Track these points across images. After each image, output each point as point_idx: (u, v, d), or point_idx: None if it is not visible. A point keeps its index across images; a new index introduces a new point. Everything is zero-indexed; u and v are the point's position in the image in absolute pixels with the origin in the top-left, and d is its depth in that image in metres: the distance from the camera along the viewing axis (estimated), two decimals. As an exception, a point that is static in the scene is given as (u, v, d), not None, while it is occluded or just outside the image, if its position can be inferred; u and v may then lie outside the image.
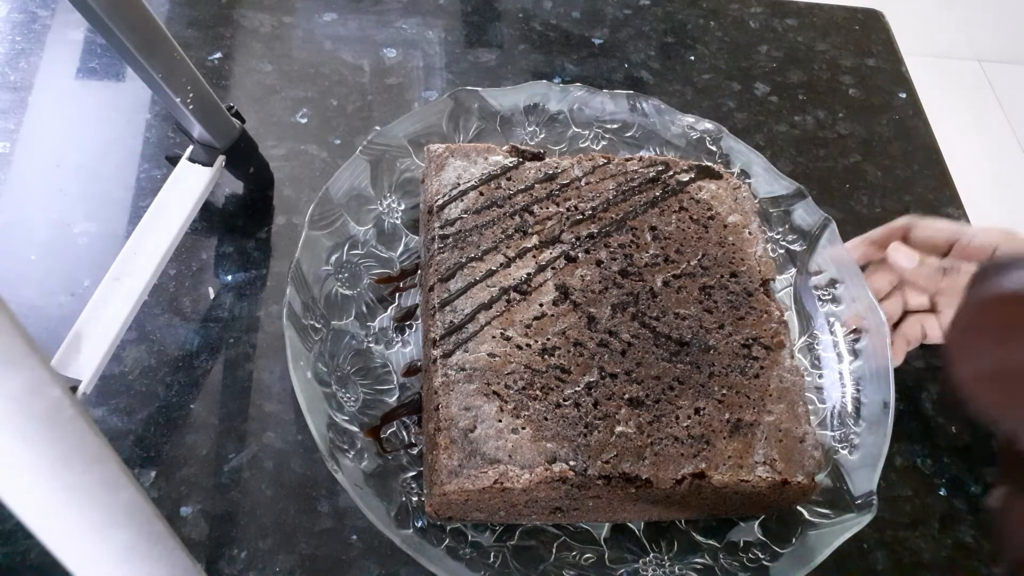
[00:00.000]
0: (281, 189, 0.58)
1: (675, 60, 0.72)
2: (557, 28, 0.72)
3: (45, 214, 0.55)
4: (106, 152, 0.59)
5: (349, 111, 0.63)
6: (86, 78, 0.63)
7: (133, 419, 0.48)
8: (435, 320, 0.45)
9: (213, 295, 0.53)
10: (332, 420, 0.44)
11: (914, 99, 0.72)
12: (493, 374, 0.43)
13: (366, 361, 0.49)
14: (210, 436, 0.48)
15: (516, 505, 0.42)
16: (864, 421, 0.49)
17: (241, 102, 0.60)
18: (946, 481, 0.52)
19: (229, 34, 0.67)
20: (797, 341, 0.53)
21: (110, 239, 0.54)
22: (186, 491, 0.46)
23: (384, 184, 0.55)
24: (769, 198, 0.57)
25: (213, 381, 0.50)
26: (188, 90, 0.48)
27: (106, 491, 0.27)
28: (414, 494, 0.44)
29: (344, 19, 0.69)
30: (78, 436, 0.26)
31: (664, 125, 0.60)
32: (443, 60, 0.68)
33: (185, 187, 0.51)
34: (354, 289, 0.51)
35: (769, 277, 0.50)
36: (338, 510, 0.46)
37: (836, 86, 0.72)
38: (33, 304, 0.51)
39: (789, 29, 0.76)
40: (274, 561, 0.44)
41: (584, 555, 0.45)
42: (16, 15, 0.65)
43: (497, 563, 0.43)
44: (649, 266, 0.49)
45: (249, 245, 0.56)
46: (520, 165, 0.52)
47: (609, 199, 0.51)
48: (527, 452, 0.41)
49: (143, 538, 0.30)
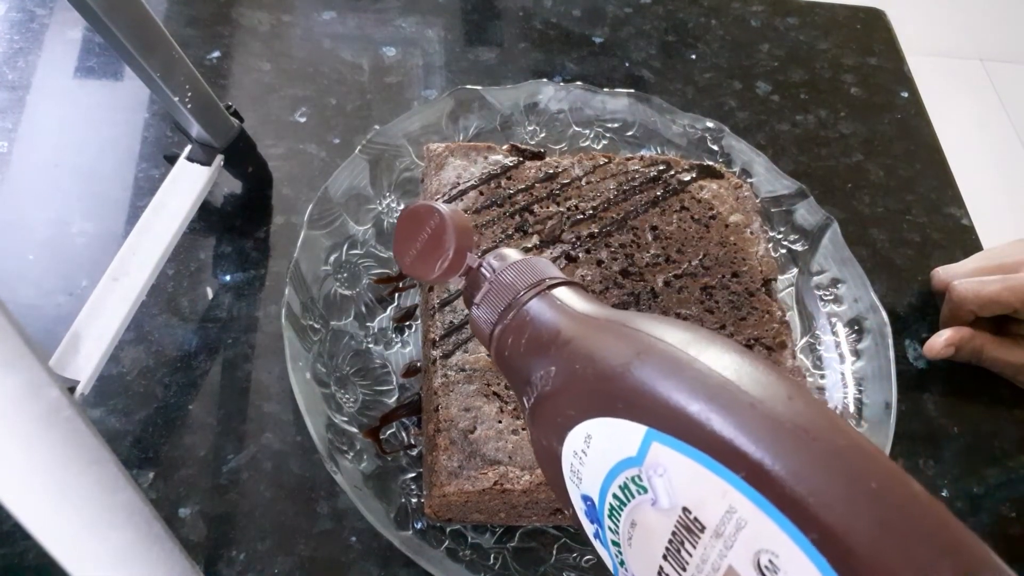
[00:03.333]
0: (280, 188, 0.58)
1: (676, 59, 0.71)
2: (557, 26, 0.72)
3: (43, 214, 0.55)
4: (104, 151, 0.59)
5: (348, 110, 0.63)
6: (84, 77, 0.62)
7: (131, 420, 0.48)
8: (435, 320, 0.45)
9: (211, 295, 0.53)
10: (331, 421, 0.44)
11: (916, 98, 0.72)
12: (493, 375, 0.43)
13: (365, 362, 0.49)
14: (208, 437, 0.48)
15: (516, 506, 0.42)
16: (866, 422, 0.48)
17: (240, 101, 0.60)
18: (948, 482, 0.51)
19: (227, 33, 0.67)
20: (799, 341, 0.53)
21: (108, 239, 0.54)
22: (184, 492, 0.46)
23: (383, 183, 0.55)
24: (771, 197, 0.57)
25: (211, 382, 0.50)
26: (186, 89, 0.48)
27: (104, 492, 0.27)
28: (413, 495, 0.44)
29: (343, 18, 0.69)
30: (76, 437, 0.26)
31: (665, 124, 0.60)
32: (443, 59, 0.68)
33: (183, 186, 0.51)
34: (353, 289, 0.51)
35: (771, 277, 0.50)
36: (337, 511, 0.46)
37: (838, 85, 0.72)
38: (31, 304, 0.51)
39: (791, 28, 0.76)
40: (273, 563, 0.44)
41: (585, 557, 0.45)
42: (14, 14, 0.65)
43: (497, 565, 0.43)
44: (650, 266, 0.49)
45: (248, 245, 0.55)
46: (520, 164, 0.52)
47: (610, 199, 0.51)
48: (527, 453, 0.41)
49: (141, 539, 0.29)
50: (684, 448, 0.19)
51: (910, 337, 0.57)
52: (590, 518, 0.24)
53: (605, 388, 0.21)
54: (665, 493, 0.20)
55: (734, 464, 0.18)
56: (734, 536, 0.18)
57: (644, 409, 0.20)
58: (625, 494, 0.21)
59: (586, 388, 0.22)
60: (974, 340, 0.54)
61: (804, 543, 0.17)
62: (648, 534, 0.21)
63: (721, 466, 0.18)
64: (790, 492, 0.17)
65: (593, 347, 0.22)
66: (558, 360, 0.23)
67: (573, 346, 0.23)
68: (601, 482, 0.22)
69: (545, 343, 0.24)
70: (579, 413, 0.22)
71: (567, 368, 0.23)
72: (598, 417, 0.21)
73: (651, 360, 0.21)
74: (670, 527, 0.20)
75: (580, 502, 0.24)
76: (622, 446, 0.21)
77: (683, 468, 0.19)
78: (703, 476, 0.19)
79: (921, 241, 0.62)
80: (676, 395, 0.20)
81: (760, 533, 0.18)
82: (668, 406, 0.20)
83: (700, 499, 0.19)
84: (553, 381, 0.23)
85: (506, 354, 0.26)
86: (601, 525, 0.23)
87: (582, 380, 0.22)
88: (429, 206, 0.29)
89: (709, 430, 0.19)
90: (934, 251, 0.62)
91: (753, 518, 0.18)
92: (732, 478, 0.18)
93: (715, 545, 0.19)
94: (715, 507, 0.19)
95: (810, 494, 0.17)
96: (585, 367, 0.22)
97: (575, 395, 0.22)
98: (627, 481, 0.21)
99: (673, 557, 0.20)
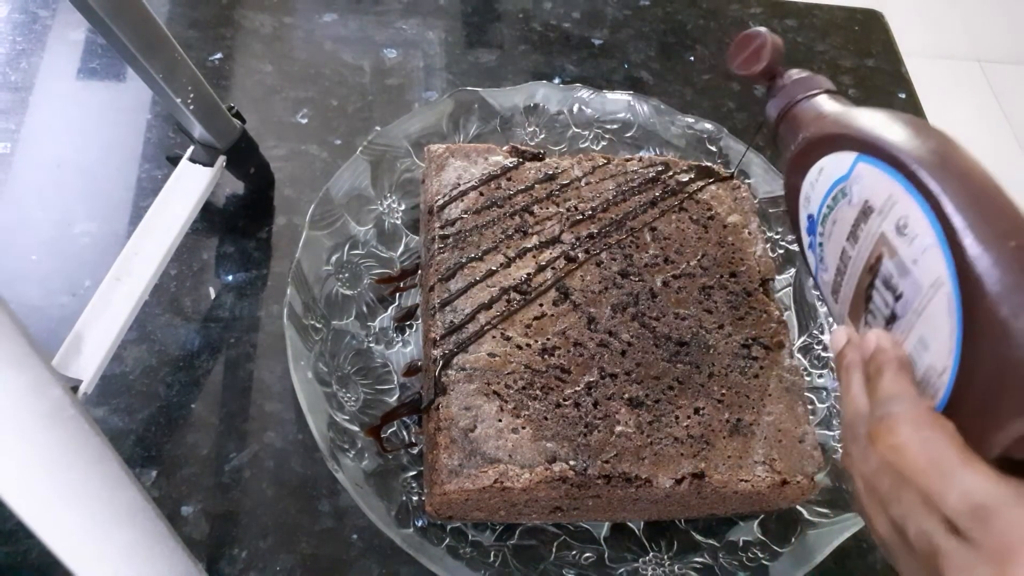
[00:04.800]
0: (281, 189, 0.59)
1: (675, 60, 0.72)
2: (557, 28, 0.72)
3: (46, 214, 0.55)
4: (107, 152, 0.59)
5: (349, 111, 0.63)
6: (87, 78, 0.63)
7: (134, 419, 0.48)
8: (435, 320, 0.45)
9: (214, 295, 0.53)
10: (333, 420, 0.44)
11: (914, 100, 0.73)
12: (493, 374, 0.43)
13: (366, 361, 0.49)
14: (211, 436, 0.48)
15: (516, 504, 0.42)
16: (863, 421, 0.49)
17: (242, 102, 0.60)
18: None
19: (230, 35, 0.67)
20: (796, 341, 0.53)
21: (111, 239, 0.54)
22: (187, 491, 0.46)
23: (384, 184, 0.55)
24: (768, 198, 0.58)
25: (214, 381, 0.50)
26: (189, 91, 0.48)
27: (107, 490, 0.28)
28: (414, 493, 0.44)
29: (344, 20, 0.69)
30: (79, 436, 0.26)
31: (664, 125, 0.60)
32: (443, 60, 0.68)
33: (186, 187, 0.51)
34: (354, 289, 0.51)
35: (769, 277, 0.50)
36: (339, 509, 0.46)
37: (836, 86, 0.72)
38: (34, 304, 0.51)
39: (789, 29, 0.76)
40: (275, 560, 0.44)
41: (584, 554, 0.45)
42: (17, 15, 0.65)
43: (497, 562, 0.43)
44: (649, 266, 0.49)
45: (250, 245, 0.56)
46: (520, 165, 0.52)
47: (609, 199, 0.51)
48: (527, 452, 0.41)
49: (144, 537, 0.30)
50: (875, 163, 0.31)
51: (908, 337, 0.57)
52: (808, 231, 0.37)
53: (836, 136, 0.34)
54: (857, 193, 0.32)
55: (900, 167, 0.30)
56: (889, 211, 0.30)
57: (857, 142, 0.33)
58: (834, 201, 0.34)
59: (825, 137, 0.35)
60: None
61: (927, 210, 0.28)
62: (841, 224, 0.34)
63: (893, 170, 0.30)
64: (925, 183, 0.29)
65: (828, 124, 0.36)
66: (808, 130, 0.37)
67: (818, 124, 0.37)
68: (822, 198, 0.35)
69: (805, 123, 0.38)
70: (818, 154, 0.35)
71: (812, 134, 0.36)
72: (829, 154, 0.34)
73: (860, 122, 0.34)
74: (855, 215, 0.33)
75: (805, 221, 0.37)
76: (839, 168, 0.34)
77: (871, 176, 0.31)
78: (881, 179, 0.31)
79: (919, 241, 0.63)
80: (879, 131, 0.32)
81: (904, 207, 0.29)
82: (871, 141, 0.32)
83: (875, 192, 0.31)
84: (804, 141, 0.37)
85: (781, 128, 0.40)
86: (814, 233, 0.37)
87: (822, 136, 0.35)
88: (758, 31, 0.42)
89: (891, 153, 0.30)
90: (932, 251, 0.62)
91: (902, 199, 0.30)
92: (897, 176, 0.30)
93: (877, 220, 0.31)
94: (883, 196, 0.31)
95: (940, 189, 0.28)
96: (821, 132, 0.36)
97: (818, 144, 0.35)
98: (837, 193, 0.34)
99: (851, 236, 0.33)
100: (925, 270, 0.28)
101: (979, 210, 0.27)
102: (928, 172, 0.29)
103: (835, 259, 0.35)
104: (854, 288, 0.33)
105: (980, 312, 0.26)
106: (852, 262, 0.33)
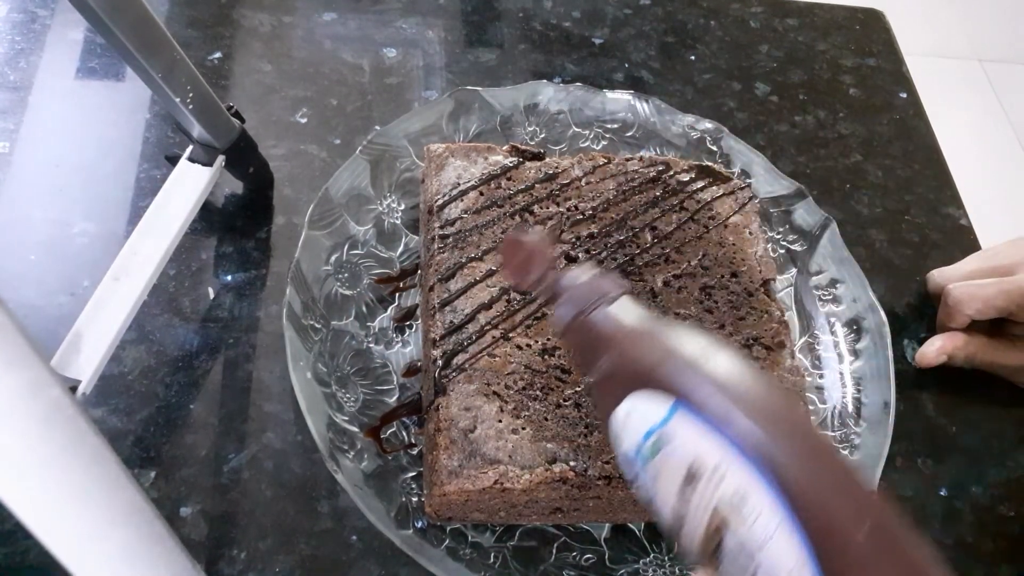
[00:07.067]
0: (281, 189, 0.58)
1: (675, 60, 0.72)
2: (557, 28, 0.72)
3: (44, 214, 0.55)
4: (106, 152, 0.59)
5: (349, 111, 0.63)
6: (86, 78, 0.63)
7: (133, 419, 0.48)
8: (435, 320, 0.45)
9: (213, 295, 0.53)
10: (332, 420, 0.44)
11: (915, 99, 0.72)
12: (493, 374, 0.43)
13: (366, 361, 0.49)
14: (210, 436, 0.48)
15: (516, 506, 0.42)
16: (865, 421, 0.49)
17: (241, 102, 0.60)
18: (947, 481, 0.52)
19: (229, 34, 0.67)
20: (798, 341, 0.53)
21: (109, 239, 0.54)
22: (185, 491, 0.46)
23: (384, 184, 0.55)
24: (769, 198, 0.57)
25: (213, 381, 0.50)
26: (188, 90, 0.48)
27: (105, 491, 0.27)
28: (414, 494, 0.44)
29: (344, 19, 0.69)
30: (77, 436, 0.26)
31: (664, 125, 0.60)
32: (443, 60, 0.68)
33: (185, 187, 0.51)
34: (354, 289, 0.51)
35: (770, 277, 0.50)
36: (338, 510, 0.46)
37: (837, 86, 0.72)
38: (32, 304, 0.51)
39: (790, 29, 0.76)
40: (274, 562, 0.44)
41: (584, 555, 0.45)
42: (16, 15, 0.65)
43: (497, 564, 0.43)
44: (649, 266, 0.49)
45: (249, 245, 0.55)
46: (520, 165, 0.52)
47: (609, 199, 0.51)
48: (527, 452, 0.41)
49: (142, 538, 0.30)
50: (697, 418, 0.27)
51: (908, 337, 0.57)
52: (626, 466, 0.32)
53: (646, 374, 0.30)
54: (679, 450, 0.28)
55: (728, 433, 0.26)
56: (720, 482, 0.27)
57: (672, 387, 0.29)
58: (653, 448, 0.29)
59: (632, 374, 0.31)
60: (967, 346, 0.54)
61: (767, 486, 0.25)
62: (666, 478, 0.29)
63: (719, 432, 0.27)
64: (757, 449, 0.26)
65: (635, 351, 0.31)
66: (609, 354, 0.32)
67: (621, 347, 0.32)
68: (636, 445, 0.30)
69: (602, 344, 0.33)
70: (624, 389, 0.30)
71: (614, 365, 0.32)
72: (639, 390, 0.30)
73: (677, 359, 0.29)
74: (680, 476, 0.28)
75: (621, 455, 0.32)
76: (653, 412, 0.29)
77: (693, 433, 0.27)
78: (705, 438, 0.27)
79: (919, 241, 0.63)
80: (700, 377, 0.28)
81: (736, 479, 0.26)
82: (690, 391, 0.28)
83: (700, 454, 0.27)
84: (605, 371, 0.32)
85: (569, 338, 0.35)
86: (634, 472, 0.32)
87: (628, 371, 0.31)
88: (518, 240, 0.37)
89: (717, 413, 0.27)
90: (932, 251, 0.62)
91: (733, 468, 0.26)
92: (725, 439, 0.26)
93: (708, 488, 0.27)
94: (709, 461, 0.27)
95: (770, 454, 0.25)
96: (627, 362, 0.31)
97: (623, 379, 0.31)
98: (655, 440, 0.29)
99: (680, 496, 0.29)
100: (778, 555, 0.25)
101: (825, 488, 0.25)
102: (762, 447, 0.26)
103: (667, 509, 0.30)
104: (699, 543, 0.29)
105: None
106: (688, 520, 0.29)
